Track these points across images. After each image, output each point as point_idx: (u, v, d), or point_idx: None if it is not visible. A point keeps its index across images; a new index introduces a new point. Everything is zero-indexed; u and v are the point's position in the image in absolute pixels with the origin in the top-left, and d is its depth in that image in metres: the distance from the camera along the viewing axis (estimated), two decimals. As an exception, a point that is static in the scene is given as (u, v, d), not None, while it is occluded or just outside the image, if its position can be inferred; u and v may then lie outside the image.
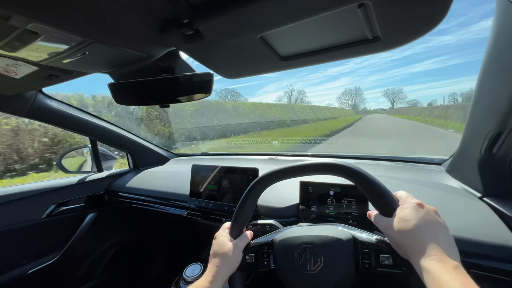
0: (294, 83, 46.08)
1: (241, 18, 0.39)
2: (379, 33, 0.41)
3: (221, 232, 0.63)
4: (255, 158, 1.51)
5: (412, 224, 0.42)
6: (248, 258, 0.59)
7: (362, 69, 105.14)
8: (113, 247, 1.46)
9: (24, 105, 1.01)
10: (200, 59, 0.56)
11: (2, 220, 1.05)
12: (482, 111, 0.67)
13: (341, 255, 0.51)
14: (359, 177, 0.51)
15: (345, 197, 0.77)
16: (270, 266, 0.57)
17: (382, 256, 0.48)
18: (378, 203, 0.49)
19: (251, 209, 0.62)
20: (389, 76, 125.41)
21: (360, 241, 0.51)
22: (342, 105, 59.02)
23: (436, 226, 0.42)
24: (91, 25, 0.42)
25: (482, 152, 0.68)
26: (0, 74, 0.63)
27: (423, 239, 0.40)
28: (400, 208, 0.46)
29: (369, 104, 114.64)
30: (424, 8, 0.34)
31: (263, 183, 0.60)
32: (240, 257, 0.58)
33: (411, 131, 16.98)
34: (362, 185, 0.51)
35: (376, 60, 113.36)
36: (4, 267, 1.07)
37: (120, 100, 0.79)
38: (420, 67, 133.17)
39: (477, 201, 0.72)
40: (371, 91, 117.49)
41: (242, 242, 0.60)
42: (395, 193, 0.50)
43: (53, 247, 1.22)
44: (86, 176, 1.39)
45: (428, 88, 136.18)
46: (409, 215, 0.44)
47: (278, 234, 0.59)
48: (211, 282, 0.54)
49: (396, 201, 0.48)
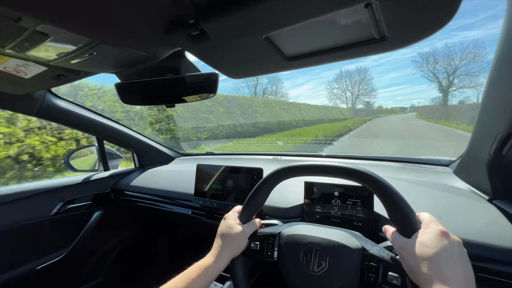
0: (309, 80, 40.37)
1: (246, 18, 0.39)
2: (386, 32, 0.40)
3: (231, 215, 0.64)
4: (260, 158, 1.51)
5: (431, 252, 0.40)
6: (253, 246, 0.60)
7: (379, 66, 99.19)
8: (118, 245, 1.48)
9: (33, 104, 1.03)
10: (206, 59, 0.56)
11: (12, 217, 1.07)
12: (491, 112, 0.66)
13: (347, 263, 0.50)
14: (383, 190, 0.48)
15: (350, 197, 0.76)
16: (274, 257, 0.58)
17: (390, 274, 0.46)
18: (399, 221, 0.47)
19: (263, 198, 0.62)
20: (408, 73, 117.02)
21: (370, 253, 0.50)
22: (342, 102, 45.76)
23: (458, 260, 0.40)
24: (98, 26, 0.43)
25: (491, 154, 0.66)
26: (10, 74, 0.65)
27: (441, 270, 0.38)
28: (421, 232, 0.43)
29: (386, 102, 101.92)
30: (432, 7, 0.34)
31: (281, 174, 0.59)
32: (245, 243, 0.60)
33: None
34: (385, 198, 0.48)
35: (394, 57, 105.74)
36: (14, 263, 1.09)
37: (127, 100, 0.80)
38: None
39: (486, 203, 0.71)
40: (389, 89, 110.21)
41: (249, 228, 0.61)
42: (418, 213, 0.47)
43: (60, 244, 1.25)
44: (93, 174, 1.41)
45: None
46: (431, 241, 0.41)
47: (287, 228, 0.59)
48: (214, 261, 0.55)
49: (418, 223, 0.45)
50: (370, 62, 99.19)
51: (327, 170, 0.54)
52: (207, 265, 0.54)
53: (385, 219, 0.71)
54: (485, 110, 0.68)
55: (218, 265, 0.55)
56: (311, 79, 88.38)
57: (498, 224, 0.62)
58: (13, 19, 0.37)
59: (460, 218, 0.66)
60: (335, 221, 0.77)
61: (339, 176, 0.53)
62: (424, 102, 67.69)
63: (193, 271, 0.53)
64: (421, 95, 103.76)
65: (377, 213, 0.72)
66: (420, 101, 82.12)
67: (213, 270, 0.54)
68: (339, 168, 0.52)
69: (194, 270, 0.53)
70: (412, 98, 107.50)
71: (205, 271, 0.53)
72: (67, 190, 1.26)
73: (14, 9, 0.35)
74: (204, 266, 0.54)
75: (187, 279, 0.51)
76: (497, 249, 0.56)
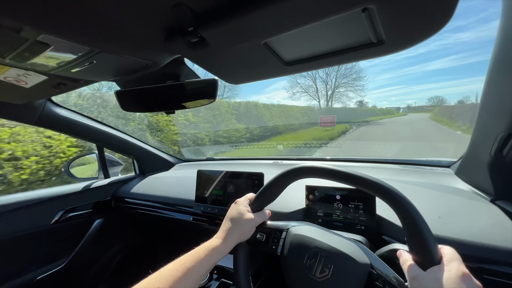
0: (306, 81, 33.84)
1: (245, 25, 0.39)
2: (384, 36, 0.41)
3: (243, 200, 0.64)
4: (260, 163, 1.51)
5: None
6: (259, 237, 0.60)
7: (374, 67, 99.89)
8: (120, 253, 1.46)
9: (33, 113, 1.04)
10: (205, 65, 0.57)
11: (12, 226, 1.06)
12: (490, 112, 0.66)
13: (351, 276, 0.49)
14: (408, 212, 0.44)
15: (352, 200, 0.76)
16: (277, 251, 0.58)
17: None
18: (418, 250, 0.43)
19: (278, 191, 0.62)
20: (403, 74, 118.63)
21: (377, 272, 0.48)
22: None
23: None
24: (98, 35, 0.43)
25: (492, 154, 0.66)
26: (11, 83, 0.65)
27: None
28: (441, 268, 0.40)
29: (380, 102, 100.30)
30: (429, 10, 0.34)
31: (302, 172, 0.56)
32: (252, 231, 0.60)
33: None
34: (407, 221, 0.44)
35: (389, 58, 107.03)
36: (15, 273, 1.08)
37: (127, 107, 0.81)
38: (435, 65, 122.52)
39: (489, 204, 0.70)
40: (383, 89, 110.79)
41: (259, 218, 0.61)
42: (440, 246, 0.43)
43: (61, 253, 1.23)
44: (93, 182, 1.40)
45: (444, 87, 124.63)
46: (449, 281, 0.37)
47: (296, 227, 0.59)
48: (222, 243, 0.56)
49: (439, 256, 0.42)
50: (365, 62, 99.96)
51: (353, 179, 0.50)
52: (214, 246, 0.55)
53: (388, 222, 0.70)
54: (484, 110, 0.68)
55: (225, 247, 0.55)
56: (307, 80, 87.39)
57: (501, 225, 0.62)
58: (14, 30, 0.37)
59: (463, 219, 0.66)
60: (338, 225, 0.76)
61: (361, 187, 0.50)
62: (419, 102, 65.61)
63: (200, 251, 0.53)
64: (415, 95, 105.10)
65: (379, 216, 0.72)
66: (416, 101, 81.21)
67: (220, 252, 0.55)
68: (366, 180, 0.48)
69: (202, 251, 0.53)
70: (407, 98, 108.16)
71: (213, 251, 0.53)
72: (67, 198, 1.25)
73: (15, 20, 0.36)
74: (212, 247, 0.54)
75: (195, 258, 0.51)
76: (501, 251, 0.56)
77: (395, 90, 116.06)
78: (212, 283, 0.91)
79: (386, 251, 0.53)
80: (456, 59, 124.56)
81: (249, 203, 0.63)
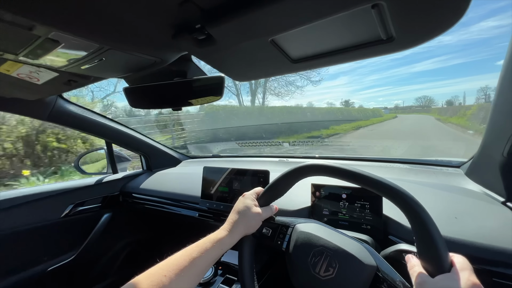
0: (295, 81, 32.64)
1: (252, 22, 0.39)
2: (394, 33, 0.40)
3: (250, 194, 0.64)
4: (266, 160, 1.51)
5: None
6: (265, 231, 0.60)
7: (361, 68, 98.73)
8: (127, 247, 1.49)
9: (45, 109, 1.06)
10: (212, 62, 0.57)
11: (24, 219, 1.10)
12: (504, 112, 0.64)
13: (355, 278, 0.48)
14: (419, 216, 0.42)
15: (358, 200, 0.75)
16: (282, 247, 0.58)
17: None
18: (428, 257, 0.42)
19: (286, 187, 0.61)
20: (389, 75, 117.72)
21: (383, 276, 0.47)
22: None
23: None
24: (108, 32, 0.44)
25: (504, 155, 0.65)
26: (23, 80, 0.67)
27: None
28: (450, 277, 0.38)
29: (368, 103, 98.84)
30: (441, 6, 0.33)
31: (311, 169, 0.56)
32: (258, 225, 0.60)
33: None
34: (418, 226, 0.43)
35: (375, 59, 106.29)
36: (26, 264, 1.12)
37: (135, 104, 0.82)
38: (420, 67, 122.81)
39: (500, 206, 0.69)
40: (371, 90, 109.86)
41: (266, 212, 0.61)
42: (451, 254, 0.42)
43: (71, 246, 1.27)
44: (102, 177, 1.43)
45: (428, 88, 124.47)
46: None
47: (302, 224, 0.59)
48: (228, 235, 0.56)
49: (449, 264, 0.40)
50: (353, 63, 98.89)
51: (362, 180, 0.49)
52: (220, 238, 0.55)
53: (394, 222, 0.69)
54: (497, 110, 0.66)
55: (231, 239, 0.56)
56: (295, 79, 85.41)
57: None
58: (26, 28, 0.38)
59: (473, 221, 0.64)
60: (343, 224, 0.76)
61: (372, 189, 0.48)
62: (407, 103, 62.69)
63: (207, 243, 0.53)
64: (402, 96, 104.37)
65: (386, 216, 0.71)
66: (404, 101, 78.79)
67: (226, 243, 0.55)
68: (375, 181, 0.47)
69: (208, 242, 0.53)
70: (394, 99, 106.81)
71: (219, 243, 0.54)
72: (77, 193, 1.28)
73: (27, 18, 0.36)
74: (218, 239, 0.55)
75: (202, 249, 0.51)
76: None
77: (382, 91, 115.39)
78: (217, 279, 0.93)
79: (392, 251, 0.53)
80: (439, 61, 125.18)
81: (257, 197, 0.63)
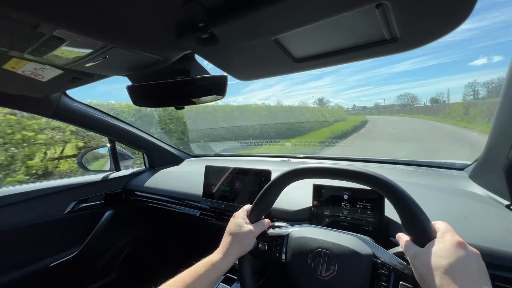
0: (280, 81, 34.03)
1: (255, 21, 0.39)
2: (397, 33, 0.40)
3: (240, 213, 0.64)
4: (268, 160, 1.51)
5: (445, 262, 0.38)
6: (262, 246, 0.60)
7: (345, 69, 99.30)
8: (129, 244, 1.50)
9: (49, 106, 1.07)
10: (215, 61, 0.57)
11: (27, 214, 1.11)
12: (510, 114, 0.63)
13: (356, 269, 0.49)
14: (397, 195, 0.46)
15: (359, 201, 0.75)
16: (281, 258, 0.57)
17: (402, 284, 0.45)
18: (413, 229, 0.45)
19: (273, 198, 0.62)
20: (371, 75, 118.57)
21: (381, 261, 0.48)
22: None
23: (475, 274, 0.37)
24: (112, 30, 0.44)
25: (509, 158, 0.64)
26: (28, 77, 0.67)
27: (455, 282, 0.36)
28: (436, 241, 0.42)
29: (348, 103, 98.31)
30: (446, 6, 0.33)
31: (292, 175, 0.58)
32: (252, 242, 0.60)
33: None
34: (398, 204, 0.47)
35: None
36: (29, 259, 1.13)
37: (138, 102, 0.82)
38: (400, 67, 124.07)
39: (504, 209, 0.68)
40: (354, 90, 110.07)
41: (258, 228, 0.61)
42: (433, 222, 0.46)
43: (73, 242, 1.28)
44: (105, 174, 1.44)
45: (408, 88, 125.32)
46: (445, 252, 0.39)
47: (296, 230, 0.59)
48: (222, 258, 0.56)
49: (433, 231, 0.44)
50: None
51: (337, 172, 0.53)
52: (214, 261, 0.55)
53: (396, 224, 0.69)
54: (502, 112, 0.65)
55: (225, 262, 0.56)
56: (281, 79, 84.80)
57: None
58: (32, 25, 0.39)
59: (477, 224, 0.63)
60: (345, 225, 0.75)
61: (349, 180, 0.52)
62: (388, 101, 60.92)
63: (200, 266, 0.53)
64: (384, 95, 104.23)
65: (387, 217, 0.70)
66: (384, 99, 77.64)
67: (221, 267, 0.55)
68: (349, 171, 0.51)
69: (202, 266, 0.54)
70: (376, 98, 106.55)
71: (213, 267, 0.54)
72: (80, 190, 1.29)
73: (33, 16, 0.37)
74: (212, 263, 0.54)
75: (195, 274, 0.51)
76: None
77: (365, 91, 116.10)
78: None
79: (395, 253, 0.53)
80: (417, 62, 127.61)
81: (247, 215, 0.63)
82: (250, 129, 8.08)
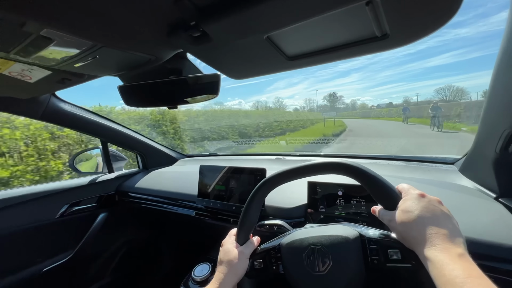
0: (304, 79, 34.13)
1: (247, 19, 0.39)
2: (388, 30, 0.40)
3: (228, 239, 0.63)
4: (263, 158, 1.51)
5: (414, 214, 0.42)
6: (257, 264, 0.59)
7: (374, 65, 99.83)
8: (123, 246, 1.49)
9: (38, 108, 1.05)
10: (207, 60, 0.56)
11: (18, 219, 1.09)
12: (497, 109, 0.65)
13: (349, 253, 0.50)
14: (359, 173, 0.51)
15: (354, 197, 0.76)
16: (279, 270, 0.57)
17: (390, 251, 0.47)
18: (381, 197, 0.50)
19: (256, 213, 0.62)
20: (403, 71, 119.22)
21: (367, 237, 0.50)
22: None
23: (439, 215, 0.42)
24: (101, 30, 0.43)
25: (497, 151, 0.66)
26: (15, 78, 0.65)
27: (426, 228, 0.40)
28: (402, 200, 0.46)
29: (380, 100, 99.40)
30: (434, 3, 0.34)
31: (266, 187, 0.60)
32: (246, 264, 0.58)
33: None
34: (363, 181, 0.51)
35: (388, 55, 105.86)
36: (21, 265, 1.10)
37: (130, 102, 0.81)
38: (435, 61, 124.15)
39: (493, 201, 0.70)
40: (384, 87, 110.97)
41: (248, 248, 0.60)
42: (397, 186, 0.50)
43: (66, 246, 1.26)
44: (98, 176, 1.42)
45: (446, 82, 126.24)
46: (411, 206, 0.44)
47: (285, 237, 0.58)
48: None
49: (398, 194, 0.48)
50: (364, 60, 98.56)
51: (301, 171, 0.56)
52: None
53: None
54: (490, 107, 0.67)
55: None
56: (306, 78, 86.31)
57: (505, 223, 0.61)
58: (18, 24, 0.37)
59: (467, 216, 0.65)
60: (340, 221, 0.76)
61: (317, 173, 0.55)
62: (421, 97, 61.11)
63: None
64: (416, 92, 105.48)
65: None
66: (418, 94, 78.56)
67: None
68: (314, 165, 0.54)
69: None
70: (407, 95, 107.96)
71: None
72: (72, 192, 1.27)
73: (18, 14, 0.36)
74: None
75: None
76: (504, 248, 0.55)
77: (396, 87, 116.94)
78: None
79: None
80: (456, 55, 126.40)
81: (235, 239, 0.62)
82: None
